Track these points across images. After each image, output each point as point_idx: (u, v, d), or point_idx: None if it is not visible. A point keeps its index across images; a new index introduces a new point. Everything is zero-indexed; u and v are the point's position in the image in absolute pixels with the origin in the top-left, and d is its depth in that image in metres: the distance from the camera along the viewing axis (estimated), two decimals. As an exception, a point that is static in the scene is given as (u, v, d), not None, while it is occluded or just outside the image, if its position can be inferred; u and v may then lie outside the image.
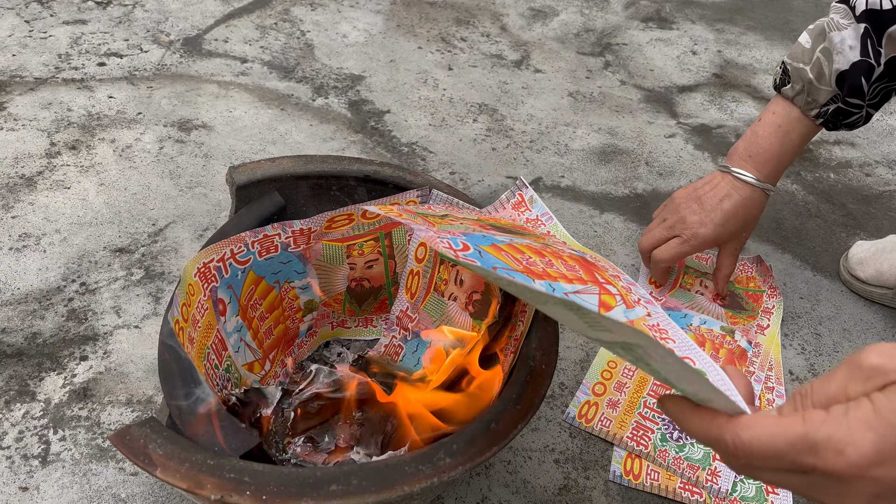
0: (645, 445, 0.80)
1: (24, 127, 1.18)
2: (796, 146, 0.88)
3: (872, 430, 0.34)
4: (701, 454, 0.80)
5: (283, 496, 0.50)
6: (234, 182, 0.76)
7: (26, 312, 0.88)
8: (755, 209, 0.90)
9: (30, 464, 0.73)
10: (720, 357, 0.91)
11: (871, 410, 0.35)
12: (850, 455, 0.34)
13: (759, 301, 1.02)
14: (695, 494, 0.77)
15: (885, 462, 0.34)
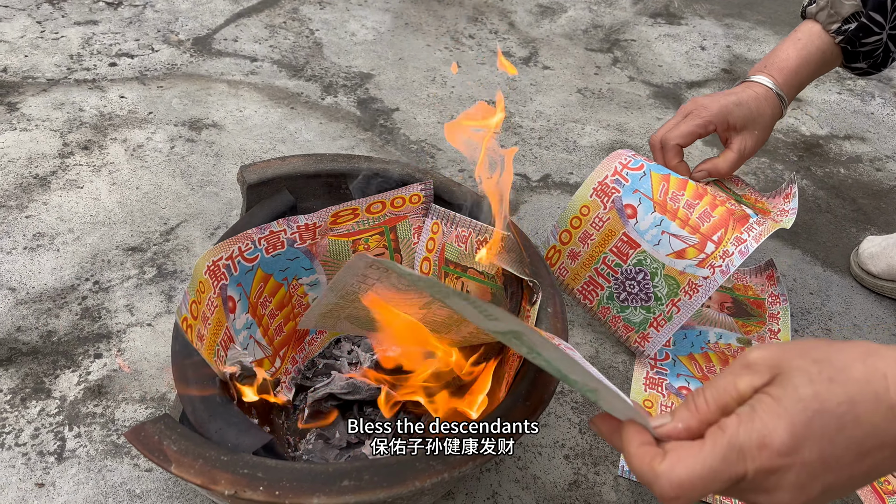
0: (591, 301, 0.85)
1: (38, 127, 1.19)
2: (813, 62, 0.88)
3: (781, 418, 0.37)
4: (640, 318, 0.85)
5: (295, 491, 0.51)
6: (245, 181, 0.77)
7: (41, 311, 0.89)
8: (767, 108, 0.88)
9: (46, 460, 0.74)
10: (713, 215, 0.84)
11: (772, 402, 0.38)
12: (772, 444, 0.37)
13: (762, 307, 1.01)
14: None
15: (802, 444, 0.37)
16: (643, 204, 0.84)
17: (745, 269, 1.07)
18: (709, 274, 0.79)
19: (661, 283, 0.82)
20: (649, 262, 0.83)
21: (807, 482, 0.38)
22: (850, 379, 0.37)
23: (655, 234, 0.83)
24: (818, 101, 1.55)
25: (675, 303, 0.82)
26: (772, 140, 1.41)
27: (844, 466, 0.37)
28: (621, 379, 0.90)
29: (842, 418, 0.37)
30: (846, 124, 1.48)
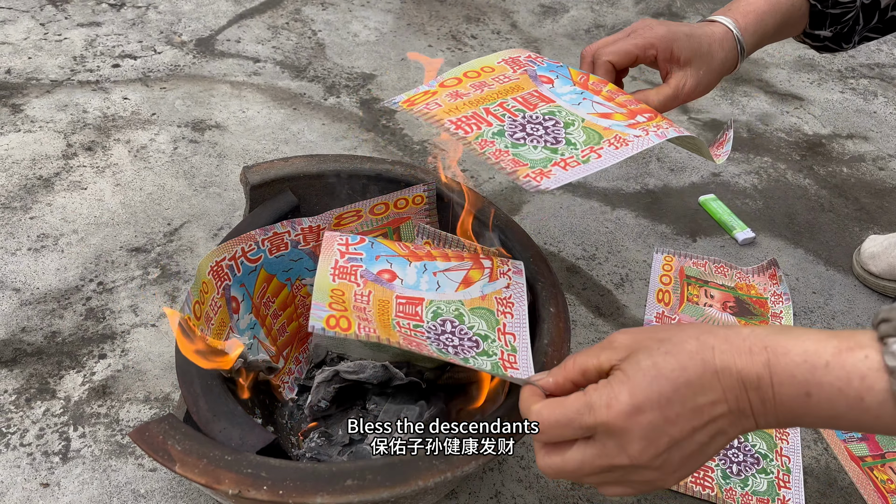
0: (467, 131, 0.62)
1: (41, 129, 1.20)
2: (783, 11, 0.80)
3: (625, 386, 0.45)
4: (541, 156, 0.62)
5: (299, 491, 0.51)
6: (248, 182, 0.77)
7: (45, 312, 0.90)
8: (720, 50, 0.78)
9: (50, 460, 0.74)
10: (638, 105, 0.75)
11: (621, 374, 0.46)
12: (615, 407, 0.45)
13: (765, 307, 1.01)
14: (706, 489, 0.77)
15: (642, 408, 0.44)
16: (561, 79, 0.69)
17: (747, 269, 1.07)
18: (641, 134, 0.63)
19: (579, 132, 0.63)
20: (564, 114, 0.64)
21: (652, 436, 0.45)
22: (683, 351, 0.45)
23: (575, 98, 0.67)
24: (821, 101, 1.55)
25: (595, 149, 0.61)
26: (774, 139, 1.41)
27: (684, 420, 0.44)
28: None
29: (675, 381, 0.44)
30: (849, 123, 1.48)
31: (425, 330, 0.63)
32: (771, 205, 1.23)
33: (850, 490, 0.81)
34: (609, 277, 1.05)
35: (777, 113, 1.49)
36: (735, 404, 0.44)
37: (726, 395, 0.44)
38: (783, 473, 0.80)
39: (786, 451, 0.83)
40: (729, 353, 0.44)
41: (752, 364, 0.44)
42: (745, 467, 0.80)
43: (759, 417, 0.45)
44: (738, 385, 0.44)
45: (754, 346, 0.44)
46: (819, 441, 0.86)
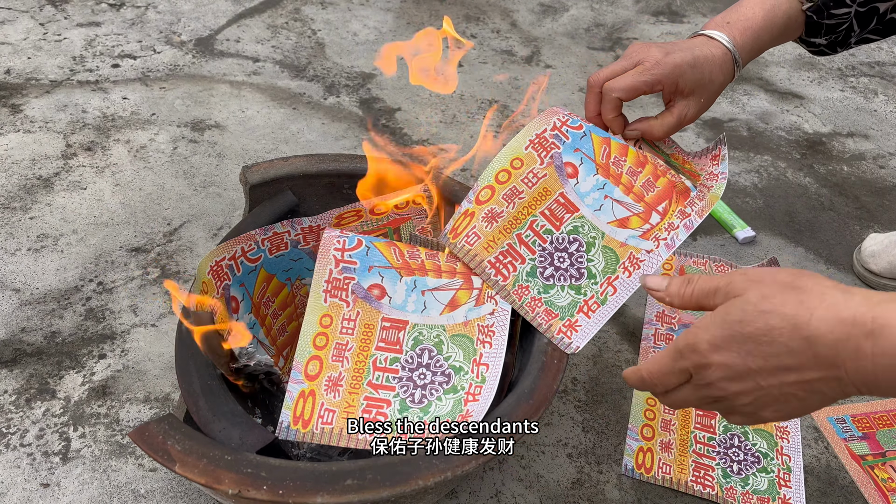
0: (505, 277, 0.69)
1: (41, 129, 1.20)
2: (778, 26, 0.81)
3: (707, 331, 0.49)
4: (568, 301, 0.69)
5: (299, 490, 0.51)
6: (248, 181, 0.77)
7: (45, 312, 0.90)
8: (720, 74, 0.79)
9: (51, 460, 0.74)
10: (657, 186, 0.77)
11: (710, 318, 0.50)
12: (697, 348, 0.49)
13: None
14: (707, 487, 0.77)
15: (719, 347, 0.48)
16: (585, 164, 0.72)
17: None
18: (653, 247, 0.69)
19: (598, 255, 0.70)
20: (587, 230, 0.70)
21: (736, 377, 0.48)
22: (778, 313, 0.46)
23: (597, 199, 0.71)
24: (821, 99, 1.55)
25: (612, 281, 0.69)
26: (774, 138, 1.40)
27: (769, 373, 0.47)
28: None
29: (758, 340, 0.47)
30: (849, 122, 1.48)
31: (402, 364, 0.66)
32: (771, 203, 1.23)
33: (851, 489, 0.81)
34: (609, 276, 1.05)
35: (777, 111, 1.49)
36: (828, 371, 0.45)
37: (817, 362, 0.45)
38: (784, 472, 0.80)
39: (786, 449, 0.83)
40: (828, 320, 0.44)
41: (853, 335, 0.43)
42: (746, 466, 0.80)
43: (858, 386, 0.45)
44: (832, 354, 0.44)
45: (860, 316, 0.43)
46: (820, 440, 0.86)
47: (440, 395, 0.65)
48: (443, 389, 0.65)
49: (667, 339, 0.94)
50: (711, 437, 0.83)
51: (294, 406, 0.63)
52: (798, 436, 0.84)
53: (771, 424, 0.85)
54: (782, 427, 0.85)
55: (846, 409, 0.89)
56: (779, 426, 0.85)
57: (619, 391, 0.89)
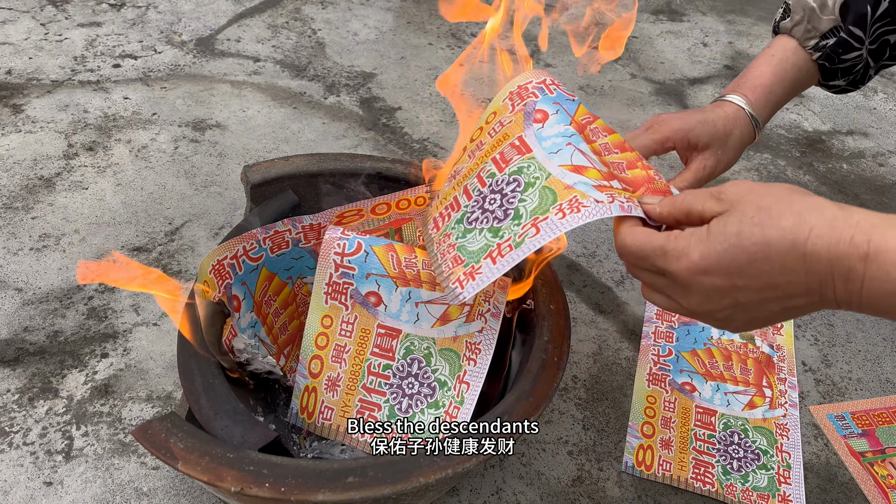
0: (438, 226, 0.64)
1: (42, 129, 1.20)
2: (788, 79, 0.84)
3: (700, 246, 0.47)
4: (480, 244, 0.58)
5: (301, 488, 0.51)
6: (249, 181, 0.77)
7: (48, 311, 0.90)
8: (737, 130, 0.82)
9: (53, 459, 0.75)
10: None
11: (705, 232, 0.48)
12: (683, 261, 0.48)
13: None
14: (706, 484, 0.78)
15: (708, 271, 0.47)
16: (559, 115, 0.62)
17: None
18: (605, 199, 0.54)
19: (534, 195, 0.57)
20: (532, 170, 0.58)
21: (714, 296, 0.48)
22: (776, 226, 0.45)
23: (558, 143, 0.59)
24: (820, 97, 1.55)
25: (538, 222, 0.55)
26: (774, 136, 1.41)
27: (753, 291, 0.46)
28: (624, 375, 0.90)
29: (753, 255, 0.45)
30: (849, 119, 1.48)
31: (393, 371, 0.68)
32: (771, 201, 1.23)
33: (851, 485, 0.81)
34: (609, 275, 1.05)
35: (777, 110, 1.49)
36: (817, 288, 0.44)
37: (808, 279, 0.44)
38: (783, 469, 0.80)
39: (786, 447, 0.83)
40: (826, 237, 0.43)
41: (848, 255, 0.43)
42: (746, 463, 0.81)
43: (843, 304, 0.45)
44: (825, 271, 0.44)
45: (858, 237, 0.43)
46: (819, 437, 0.86)
47: (424, 407, 0.66)
48: (427, 402, 0.66)
49: (667, 338, 0.94)
50: (711, 434, 0.83)
51: (300, 398, 0.68)
52: (798, 433, 0.85)
53: (771, 422, 0.85)
54: (782, 424, 0.85)
55: (846, 406, 0.90)
56: (779, 424, 0.85)
57: (619, 389, 0.89)
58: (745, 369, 0.91)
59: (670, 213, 0.53)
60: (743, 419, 0.85)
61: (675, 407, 0.86)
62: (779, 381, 0.90)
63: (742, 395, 0.88)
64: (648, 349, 0.92)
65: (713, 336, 0.95)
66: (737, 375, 0.90)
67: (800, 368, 0.94)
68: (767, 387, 0.89)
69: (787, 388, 0.89)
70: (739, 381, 0.89)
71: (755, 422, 0.85)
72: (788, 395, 0.89)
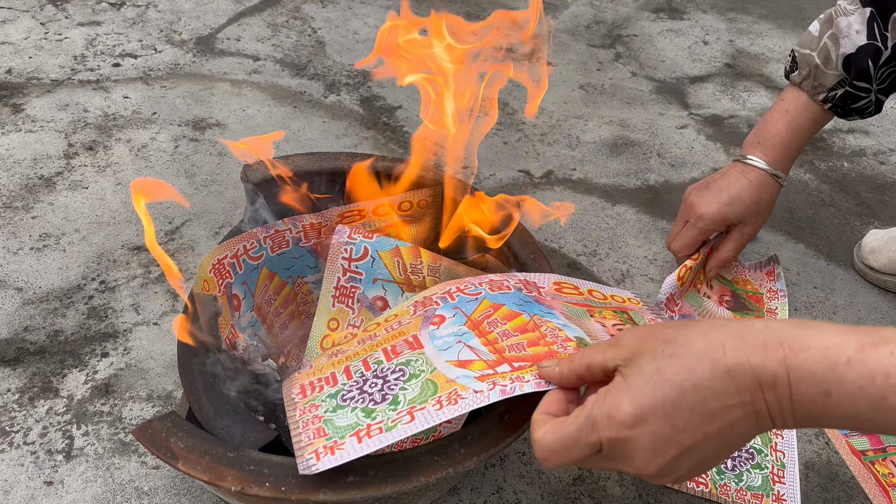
0: (705, 484, 0.77)
1: (42, 128, 1.20)
2: (805, 131, 0.89)
3: (625, 393, 0.43)
4: (350, 422, 0.54)
5: (301, 487, 0.51)
6: (249, 180, 0.77)
7: (48, 311, 0.90)
8: (765, 194, 0.90)
9: (54, 458, 0.75)
10: (527, 350, 0.68)
11: (621, 380, 0.45)
12: (617, 416, 0.43)
13: (760, 302, 1.00)
14: (700, 485, 0.78)
15: (645, 414, 0.42)
16: (456, 317, 0.63)
17: (746, 264, 1.07)
18: (484, 388, 0.53)
19: (415, 386, 0.56)
20: (419, 364, 0.58)
21: (659, 446, 0.43)
22: (690, 351, 0.43)
23: (449, 342, 0.60)
24: (821, 95, 1.55)
25: (414, 410, 0.54)
26: (775, 134, 1.41)
27: (695, 428, 0.42)
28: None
29: (681, 386, 0.42)
30: (849, 118, 1.48)
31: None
32: (772, 200, 1.23)
33: (852, 484, 0.81)
34: (610, 273, 1.05)
35: (777, 108, 1.49)
36: (751, 406, 0.42)
37: (740, 395, 0.41)
38: (777, 468, 0.80)
39: (780, 446, 0.83)
40: (741, 349, 0.41)
41: (767, 360, 0.41)
42: (740, 462, 0.81)
43: (776, 418, 0.42)
44: (752, 384, 0.41)
45: (769, 342, 0.41)
46: (820, 435, 0.86)
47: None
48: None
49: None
50: None
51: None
52: (793, 433, 0.85)
53: None
54: None
55: (847, 404, 0.90)
56: None
57: (619, 388, 0.89)
58: None
59: (570, 369, 0.50)
60: None
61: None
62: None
63: None
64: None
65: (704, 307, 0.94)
66: None
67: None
68: None
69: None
70: None
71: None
72: None
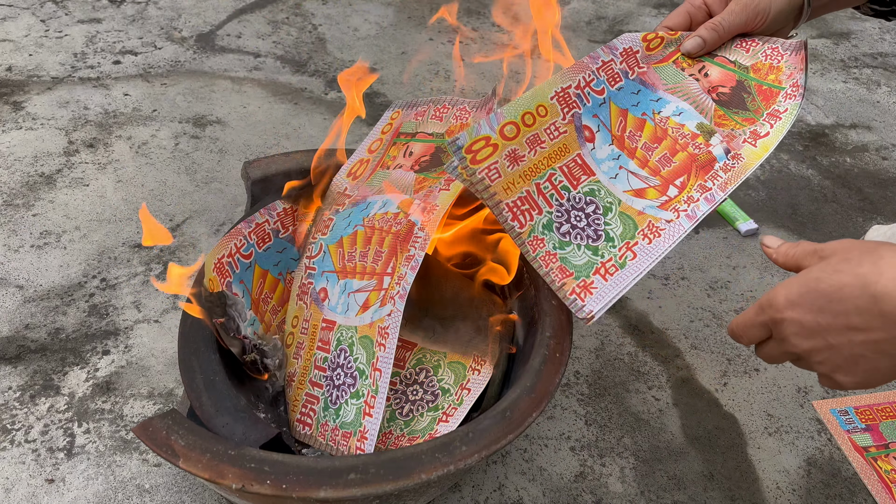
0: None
1: (43, 126, 1.20)
2: None
3: (784, 288, 0.53)
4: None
5: (302, 485, 0.51)
6: (249, 177, 0.77)
7: (49, 308, 0.90)
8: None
9: (55, 456, 0.75)
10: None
11: (795, 277, 0.54)
12: (772, 303, 0.54)
13: (770, 99, 0.76)
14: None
15: (791, 306, 0.53)
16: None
17: (783, 43, 0.78)
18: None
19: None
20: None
21: (806, 334, 0.52)
22: (852, 272, 0.50)
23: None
24: (823, 91, 1.54)
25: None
26: (777, 130, 1.40)
27: (839, 331, 0.50)
28: (626, 371, 0.90)
29: (830, 297, 0.50)
30: (852, 113, 1.48)
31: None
32: (774, 196, 1.23)
33: (854, 480, 0.81)
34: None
35: (779, 103, 1.49)
36: (894, 331, 0.48)
37: (884, 321, 0.48)
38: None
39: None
40: (894, 280, 0.47)
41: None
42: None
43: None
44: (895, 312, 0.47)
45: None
46: (823, 431, 0.86)
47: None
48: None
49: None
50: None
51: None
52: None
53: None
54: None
55: (849, 400, 0.89)
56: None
57: (621, 384, 0.89)
58: (667, 159, 0.71)
59: (785, 262, 0.59)
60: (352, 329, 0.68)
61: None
62: (701, 188, 0.69)
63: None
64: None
65: (660, 111, 0.74)
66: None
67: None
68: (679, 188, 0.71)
69: (699, 194, 0.69)
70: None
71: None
72: (694, 202, 0.69)
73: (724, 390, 0.90)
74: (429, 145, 0.80)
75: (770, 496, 0.79)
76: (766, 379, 0.92)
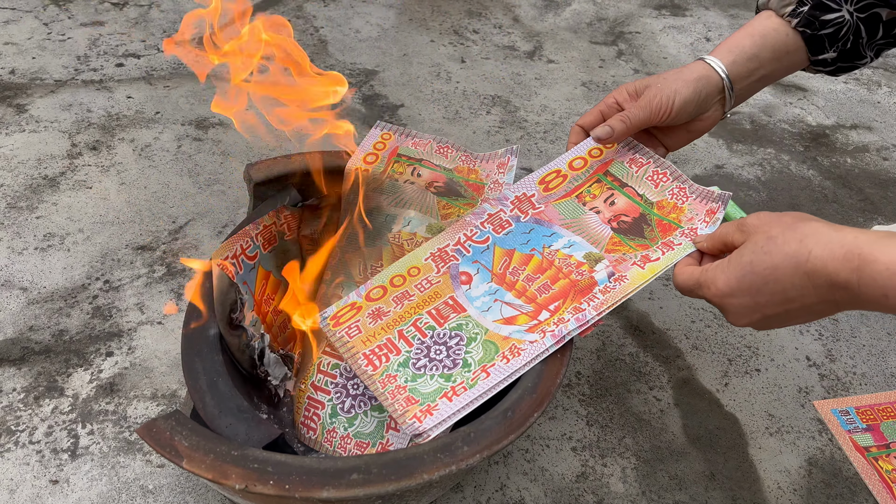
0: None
1: (46, 129, 1.20)
2: (770, 45, 0.78)
3: (722, 276, 0.60)
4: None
5: (305, 485, 0.51)
6: (252, 179, 0.78)
7: (53, 310, 0.90)
8: (705, 86, 0.77)
9: (59, 457, 0.75)
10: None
11: (726, 263, 0.60)
12: (712, 289, 0.61)
13: (667, 232, 0.75)
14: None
15: (732, 294, 0.59)
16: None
17: (691, 186, 0.78)
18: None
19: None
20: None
21: (745, 313, 0.60)
22: (781, 252, 0.56)
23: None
24: (824, 91, 1.54)
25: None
26: (777, 130, 1.40)
27: (776, 304, 0.57)
28: (628, 371, 0.90)
29: (765, 278, 0.57)
30: (852, 113, 1.48)
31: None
32: (775, 196, 1.23)
33: (855, 480, 0.81)
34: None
35: (780, 104, 1.49)
36: (827, 296, 0.55)
37: (817, 291, 0.55)
38: (464, 387, 0.66)
39: (495, 369, 0.68)
40: (823, 258, 0.53)
41: (842, 269, 0.52)
42: (436, 365, 0.68)
43: (847, 306, 0.55)
44: (826, 285, 0.54)
45: (850, 254, 0.52)
46: (824, 432, 0.86)
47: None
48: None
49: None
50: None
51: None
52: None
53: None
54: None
55: (850, 401, 0.90)
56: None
57: (623, 385, 0.89)
58: (547, 286, 0.72)
59: (711, 245, 0.67)
60: None
61: None
62: (575, 310, 0.69)
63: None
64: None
65: (551, 245, 0.75)
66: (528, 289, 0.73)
67: (803, 363, 0.94)
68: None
69: (570, 315, 0.69)
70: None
71: (493, 335, 0.69)
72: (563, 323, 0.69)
73: (725, 390, 0.90)
74: (439, 174, 0.84)
75: (771, 496, 0.79)
76: (767, 379, 0.92)
